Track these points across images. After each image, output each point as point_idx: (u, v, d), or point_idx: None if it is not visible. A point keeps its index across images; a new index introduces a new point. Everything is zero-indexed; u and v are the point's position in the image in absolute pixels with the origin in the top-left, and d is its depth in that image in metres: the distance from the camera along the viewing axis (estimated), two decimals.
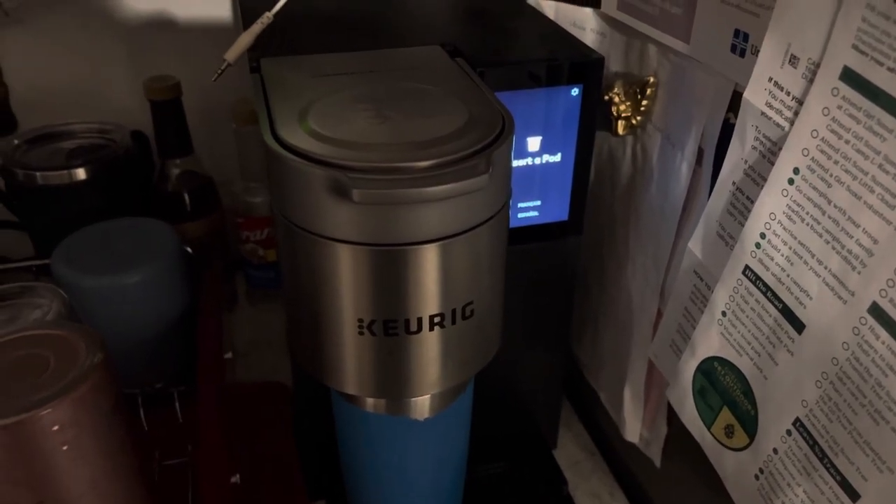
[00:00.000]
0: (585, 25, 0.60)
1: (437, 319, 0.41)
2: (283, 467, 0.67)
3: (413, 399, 0.47)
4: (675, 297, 0.52)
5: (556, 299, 0.62)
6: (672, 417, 0.57)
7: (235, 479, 0.57)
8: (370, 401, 0.47)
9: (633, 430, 0.62)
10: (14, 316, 0.47)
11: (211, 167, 0.81)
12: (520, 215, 0.56)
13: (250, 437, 0.69)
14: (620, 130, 0.55)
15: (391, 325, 0.41)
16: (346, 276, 0.39)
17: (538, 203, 0.56)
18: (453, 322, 0.42)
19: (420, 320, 0.41)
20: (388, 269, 0.39)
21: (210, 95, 0.75)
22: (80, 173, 0.72)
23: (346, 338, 0.42)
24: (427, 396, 0.47)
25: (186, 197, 0.77)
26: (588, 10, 0.59)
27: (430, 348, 0.42)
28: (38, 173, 0.70)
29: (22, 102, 0.81)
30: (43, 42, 0.79)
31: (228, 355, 0.68)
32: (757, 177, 0.42)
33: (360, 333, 0.41)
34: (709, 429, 0.49)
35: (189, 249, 0.75)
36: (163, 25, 0.81)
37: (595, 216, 0.64)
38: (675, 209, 0.51)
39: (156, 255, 0.65)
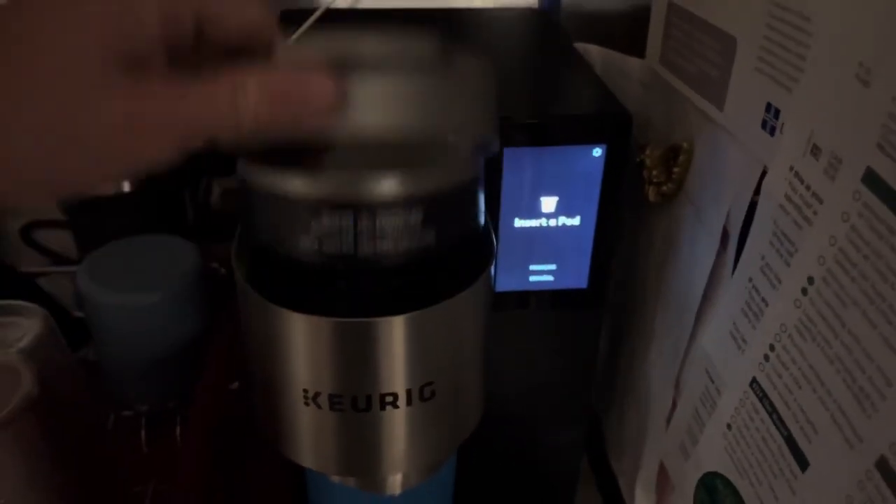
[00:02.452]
0: (632, 75, 0.55)
1: (389, 399, 0.37)
2: None
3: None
4: (686, 395, 0.45)
5: (575, 372, 0.57)
6: None
7: None
8: None
9: None
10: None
11: None
12: (532, 278, 0.52)
13: (243, 473, 0.67)
14: (651, 197, 0.50)
15: (336, 401, 0.37)
16: (289, 343, 0.37)
17: (553, 267, 0.51)
18: (409, 403, 0.38)
19: (369, 398, 0.37)
20: (331, 341, 0.36)
21: None
22: (125, 186, 0.72)
23: (294, 408, 0.39)
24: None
25: (225, 216, 0.77)
26: (635, 60, 0.54)
27: (383, 429, 0.38)
28: None
29: None
30: None
31: (234, 386, 0.67)
32: (773, 277, 0.36)
33: (306, 404, 0.38)
34: None
35: (221, 269, 0.75)
36: None
37: (625, 285, 0.58)
38: (696, 294, 0.45)
39: (178, 276, 0.65)
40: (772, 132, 0.37)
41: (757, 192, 0.39)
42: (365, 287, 0.37)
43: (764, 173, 0.38)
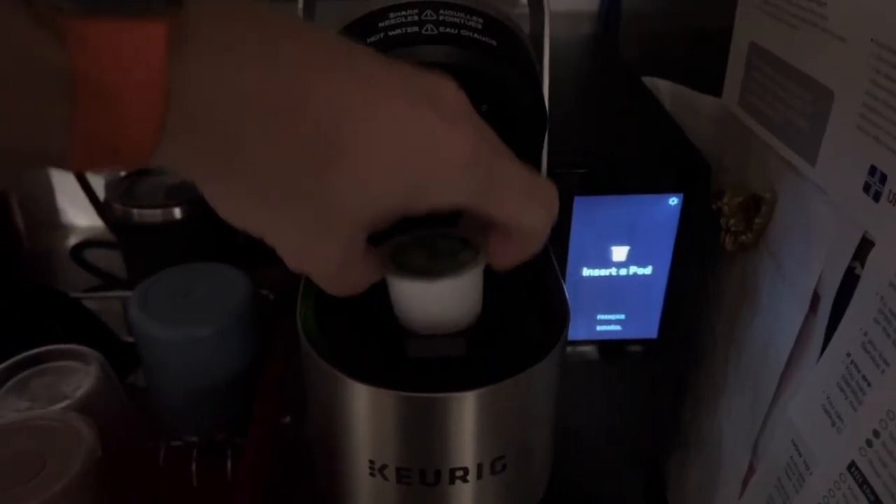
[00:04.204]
0: (703, 111, 0.52)
1: (458, 474, 0.36)
2: None
3: None
4: (768, 463, 0.43)
5: (638, 422, 0.54)
6: None
7: None
8: None
9: None
10: (54, 383, 0.46)
11: None
12: (599, 328, 0.49)
13: None
14: (728, 246, 0.47)
15: (404, 474, 0.35)
16: (355, 413, 0.35)
17: (622, 317, 0.49)
18: (479, 477, 0.36)
19: (438, 473, 0.35)
20: (401, 415, 0.34)
21: None
22: (176, 213, 0.72)
23: (359, 478, 0.37)
24: None
25: None
26: (709, 99, 0.51)
27: (450, 503, 0.37)
28: (134, 210, 0.71)
29: None
30: None
31: (287, 419, 0.65)
32: (878, 357, 0.33)
33: (372, 475, 0.36)
34: None
35: (270, 295, 0.74)
36: None
37: (694, 335, 0.55)
38: (781, 357, 0.42)
39: (231, 306, 0.64)
40: (876, 198, 0.34)
41: (855, 257, 0.36)
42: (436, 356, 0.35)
43: (863, 239, 0.35)
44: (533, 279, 0.41)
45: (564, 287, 0.40)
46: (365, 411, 0.35)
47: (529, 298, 0.40)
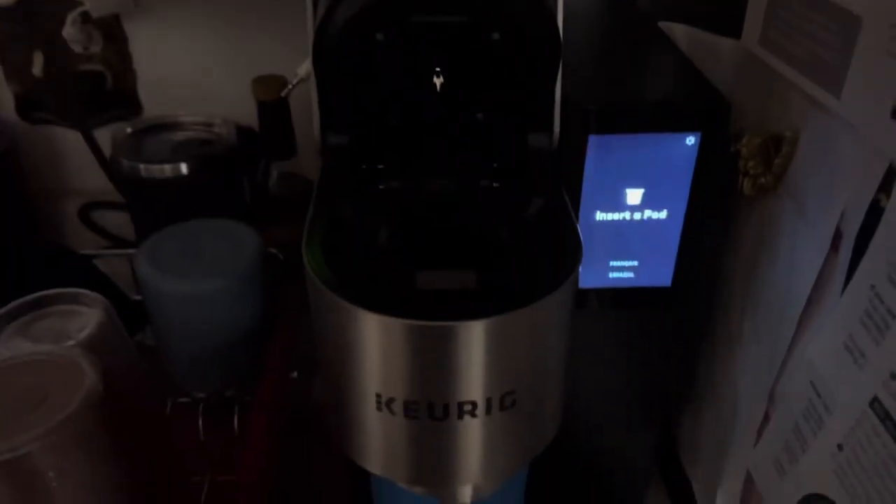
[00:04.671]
0: (722, 56, 0.50)
1: (467, 408, 0.35)
2: (332, 501, 0.63)
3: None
4: (785, 408, 0.42)
5: (652, 372, 0.53)
6: None
7: None
8: None
9: None
10: (58, 325, 0.46)
11: (316, 172, 0.78)
12: (612, 275, 0.48)
13: (303, 465, 0.66)
14: (746, 190, 0.46)
15: (411, 408, 0.35)
16: (364, 345, 0.34)
17: (635, 264, 0.48)
18: (488, 412, 0.35)
19: (447, 407, 0.35)
20: (408, 345, 0.33)
21: None
22: (182, 168, 0.71)
23: (365, 413, 0.36)
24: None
25: (284, 200, 0.75)
26: (727, 41, 0.49)
27: (458, 438, 0.36)
28: (141, 165, 0.70)
29: (145, 90, 0.82)
30: (169, 32, 0.79)
31: (294, 375, 0.65)
32: None
33: (379, 409, 0.35)
34: None
35: (280, 255, 0.73)
36: (280, 26, 0.80)
37: (708, 285, 0.54)
38: (800, 299, 0.41)
39: (239, 262, 0.63)
40: None
41: (881, 189, 0.35)
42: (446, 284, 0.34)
43: (890, 169, 0.34)
44: (545, 217, 0.40)
45: (577, 223, 0.39)
46: (373, 341, 0.34)
47: (541, 236, 0.39)
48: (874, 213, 0.35)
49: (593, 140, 0.43)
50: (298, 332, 0.66)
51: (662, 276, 0.48)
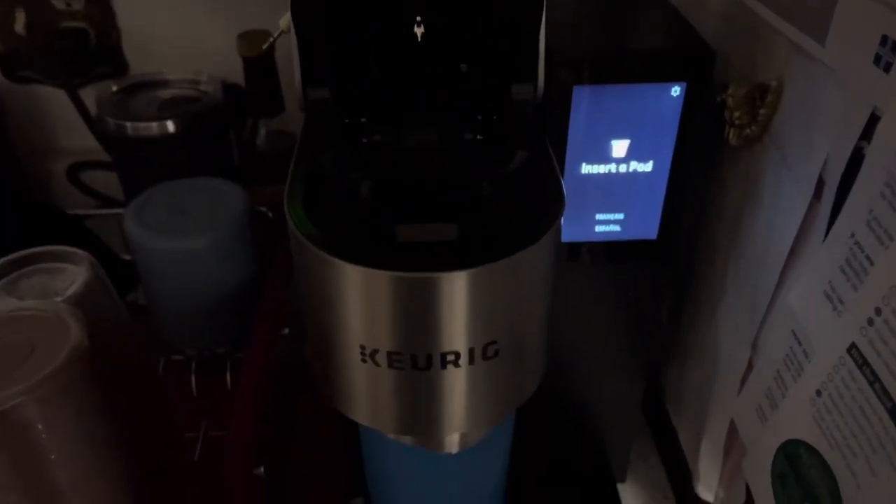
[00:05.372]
0: (710, 6, 0.50)
1: (450, 358, 0.35)
2: (323, 458, 0.64)
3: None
4: (767, 355, 0.42)
5: (638, 325, 0.54)
6: None
7: (259, 471, 0.54)
8: None
9: (707, 486, 0.54)
10: (44, 283, 0.46)
11: None
12: (598, 228, 0.48)
13: (295, 420, 0.66)
14: (732, 140, 0.46)
15: (395, 358, 0.35)
16: (347, 298, 0.34)
17: (621, 217, 0.48)
18: (471, 362, 0.36)
19: (430, 357, 0.35)
20: (390, 297, 0.33)
21: None
22: (169, 126, 0.70)
23: (350, 365, 0.37)
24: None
25: (272, 158, 0.75)
26: None
27: (443, 388, 0.36)
28: (128, 124, 0.69)
29: (130, 47, 0.81)
30: None
31: (285, 331, 0.65)
32: (882, 234, 0.32)
33: (364, 361, 0.36)
34: None
35: (269, 213, 0.73)
36: None
37: (692, 237, 0.54)
38: (782, 249, 0.41)
39: (227, 220, 0.63)
40: (887, 68, 0.32)
41: (863, 136, 0.35)
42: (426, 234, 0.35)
43: (872, 116, 0.34)
44: (528, 169, 0.40)
45: (560, 175, 0.39)
46: (356, 294, 0.34)
47: (524, 188, 0.39)
48: (856, 161, 0.35)
49: (578, 91, 0.43)
50: (289, 289, 0.67)
51: (648, 228, 0.48)
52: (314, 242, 0.34)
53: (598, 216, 0.48)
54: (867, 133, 0.34)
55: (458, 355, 0.35)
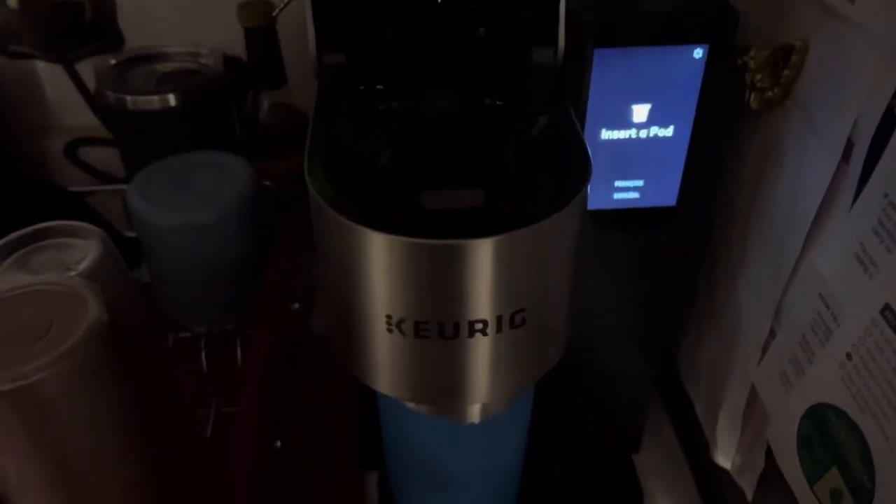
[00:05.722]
0: None
1: (478, 326, 0.35)
2: (337, 431, 0.64)
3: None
4: (792, 321, 0.42)
5: (655, 295, 0.53)
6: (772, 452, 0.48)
7: (276, 445, 0.54)
8: None
9: (725, 453, 0.54)
10: (56, 258, 0.45)
11: (307, 102, 0.76)
12: (617, 195, 0.48)
13: (308, 395, 0.66)
14: (754, 104, 0.45)
15: (422, 328, 0.34)
16: (374, 267, 0.34)
17: (640, 183, 0.47)
18: (499, 331, 0.35)
19: (457, 325, 0.34)
20: (421, 265, 0.33)
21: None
22: (170, 100, 0.69)
23: (375, 334, 0.36)
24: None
25: (276, 131, 0.74)
26: None
27: (469, 357, 0.36)
28: (128, 97, 0.68)
29: (126, 20, 0.79)
30: None
31: (295, 306, 0.65)
32: None
33: (389, 331, 0.35)
34: (811, 486, 0.40)
35: (273, 187, 0.72)
36: None
37: (711, 204, 0.54)
38: (808, 213, 0.41)
39: (232, 194, 0.62)
40: None
41: (894, 96, 0.34)
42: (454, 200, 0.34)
43: None
44: (552, 134, 0.39)
45: (586, 144, 0.38)
46: (382, 262, 0.33)
47: (549, 153, 0.38)
48: (888, 121, 0.35)
49: (598, 54, 0.42)
50: (298, 264, 0.66)
51: (668, 195, 0.48)
52: (339, 210, 0.33)
53: (618, 183, 0.47)
54: None
55: (485, 323, 0.34)
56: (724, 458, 0.54)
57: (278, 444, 0.53)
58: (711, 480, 0.61)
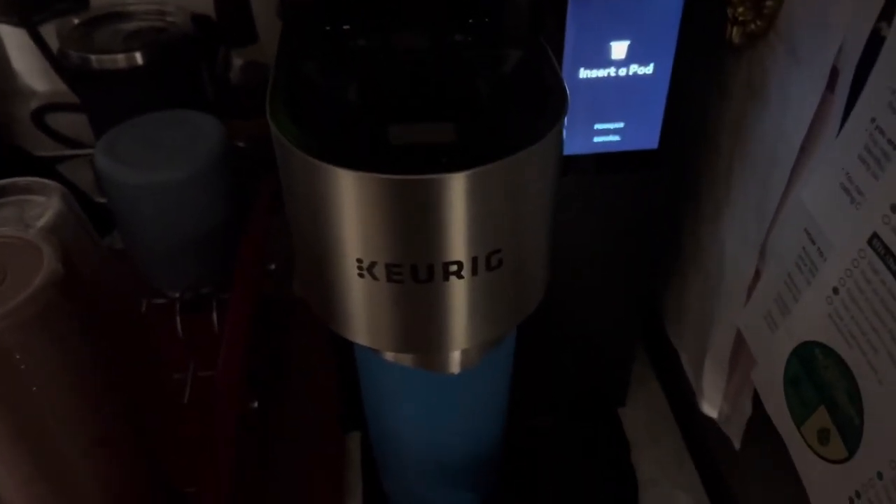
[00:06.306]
0: None
1: (452, 268, 0.33)
2: (318, 393, 0.62)
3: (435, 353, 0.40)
4: (777, 259, 0.41)
5: (638, 241, 0.52)
6: (759, 398, 0.47)
7: (253, 405, 0.53)
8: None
9: (712, 402, 0.53)
10: (15, 215, 0.43)
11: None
12: (597, 139, 0.46)
13: (287, 357, 0.65)
14: (735, 38, 0.43)
15: (395, 271, 0.33)
16: (341, 207, 0.32)
17: (621, 125, 0.46)
18: (474, 273, 0.34)
19: (431, 268, 0.33)
20: (389, 203, 0.31)
21: None
22: (137, 58, 0.66)
23: (347, 279, 0.34)
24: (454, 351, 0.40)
25: (247, 91, 0.72)
26: None
27: (444, 301, 0.35)
28: (92, 57, 0.66)
29: None
30: None
31: (272, 266, 0.63)
32: None
33: (361, 276, 0.34)
34: (798, 427, 0.39)
35: (246, 147, 0.70)
36: None
37: (693, 146, 0.52)
38: (793, 146, 0.39)
39: (204, 152, 0.60)
40: None
41: (881, 18, 0.33)
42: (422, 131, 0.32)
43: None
44: (526, 68, 0.37)
45: (563, 78, 0.36)
46: (349, 202, 0.32)
47: (524, 88, 0.37)
48: (873, 45, 0.33)
49: None
50: (273, 224, 0.64)
51: (649, 137, 0.46)
52: (302, 149, 0.31)
53: (597, 126, 0.46)
54: (885, 13, 0.32)
55: (460, 265, 0.33)
56: (711, 408, 0.53)
57: (255, 404, 0.52)
58: (698, 432, 0.60)
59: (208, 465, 0.47)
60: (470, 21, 0.40)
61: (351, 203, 0.32)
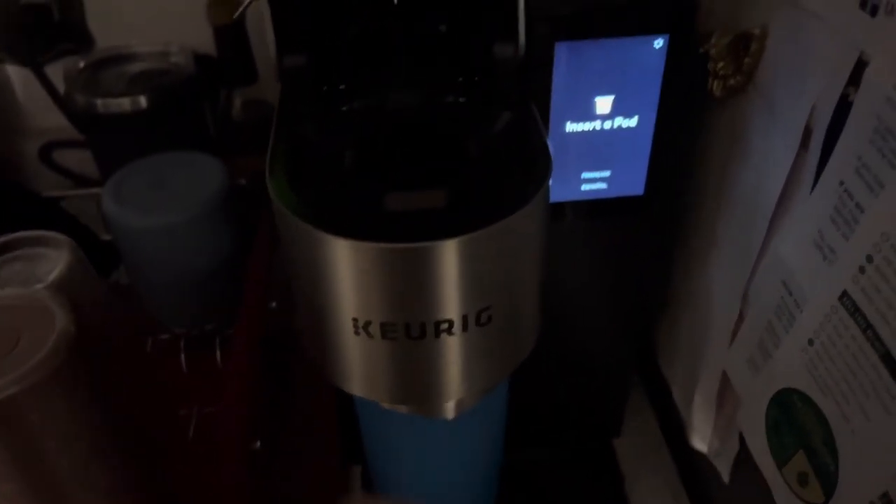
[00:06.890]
0: None
1: (443, 326, 0.35)
2: (320, 429, 0.64)
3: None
4: (758, 307, 0.42)
5: (628, 281, 0.54)
6: None
7: (255, 445, 0.54)
8: None
9: (701, 437, 0.54)
10: (25, 270, 0.45)
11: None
12: (584, 187, 0.48)
13: (289, 392, 0.66)
14: (716, 91, 0.45)
15: (389, 329, 0.35)
16: (337, 271, 0.34)
17: (607, 174, 0.47)
18: (465, 329, 0.35)
19: (423, 326, 0.35)
20: (383, 268, 0.33)
21: None
22: (141, 101, 0.68)
23: (343, 337, 0.36)
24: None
25: (249, 128, 0.73)
26: None
27: (438, 356, 0.36)
28: (98, 101, 0.68)
29: (95, 21, 0.79)
30: None
31: (272, 305, 0.65)
32: (872, 181, 0.32)
33: (357, 334, 0.35)
34: (779, 469, 0.41)
35: (248, 185, 0.72)
36: None
37: (682, 190, 0.54)
38: (771, 198, 0.41)
39: (207, 194, 0.62)
40: (873, 12, 0.32)
41: (850, 83, 0.34)
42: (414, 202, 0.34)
43: (859, 62, 0.33)
44: (514, 130, 0.39)
45: (546, 135, 0.38)
46: (345, 267, 0.33)
47: (511, 150, 0.38)
48: (843, 109, 0.35)
49: (560, 47, 0.42)
50: (275, 262, 0.66)
51: (635, 184, 0.48)
52: (300, 216, 0.33)
53: (585, 175, 0.47)
54: (854, 79, 0.34)
55: (451, 323, 0.35)
56: (701, 442, 0.55)
57: (258, 444, 0.53)
58: (692, 463, 0.61)
59: (213, 501, 0.49)
60: (461, 80, 0.41)
61: (347, 268, 0.33)
